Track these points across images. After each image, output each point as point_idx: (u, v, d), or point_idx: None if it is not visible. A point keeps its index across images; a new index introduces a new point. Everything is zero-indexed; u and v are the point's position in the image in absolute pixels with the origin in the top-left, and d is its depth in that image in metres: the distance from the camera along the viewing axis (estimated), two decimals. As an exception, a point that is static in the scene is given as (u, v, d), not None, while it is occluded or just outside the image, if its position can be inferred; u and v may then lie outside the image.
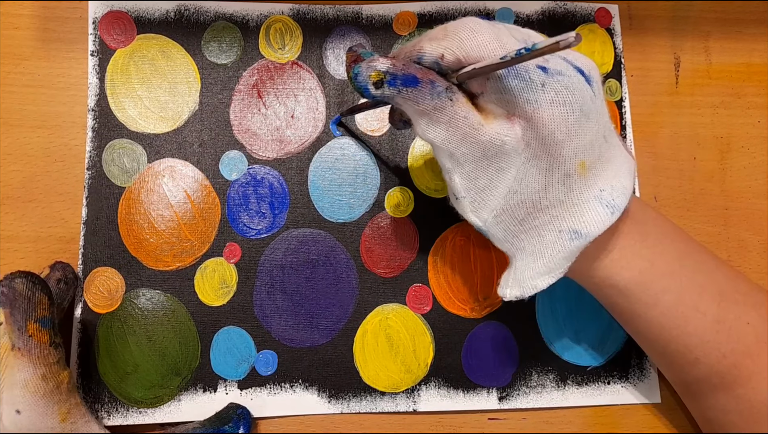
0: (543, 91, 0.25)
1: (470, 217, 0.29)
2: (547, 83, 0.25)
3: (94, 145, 0.37)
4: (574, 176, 0.26)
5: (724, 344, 0.30)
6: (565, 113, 0.25)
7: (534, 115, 0.25)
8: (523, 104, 0.25)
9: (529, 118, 0.25)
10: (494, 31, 0.25)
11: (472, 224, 0.29)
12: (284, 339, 0.36)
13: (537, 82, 0.25)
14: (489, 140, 0.26)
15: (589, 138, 0.26)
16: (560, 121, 0.25)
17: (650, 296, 0.30)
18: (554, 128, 0.25)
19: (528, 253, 0.29)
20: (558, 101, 0.25)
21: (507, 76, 0.24)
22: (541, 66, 0.25)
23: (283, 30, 0.39)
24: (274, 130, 0.38)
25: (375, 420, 0.36)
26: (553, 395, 0.37)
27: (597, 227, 0.27)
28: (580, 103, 0.25)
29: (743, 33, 0.42)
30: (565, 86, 0.25)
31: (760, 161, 0.41)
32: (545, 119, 0.25)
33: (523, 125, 0.25)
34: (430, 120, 0.26)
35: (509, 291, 0.29)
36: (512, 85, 0.24)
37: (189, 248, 0.37)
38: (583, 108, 0.25)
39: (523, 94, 0.25)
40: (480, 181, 0.27)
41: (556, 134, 0.25)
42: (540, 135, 0.25)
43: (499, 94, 0.25)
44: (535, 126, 0.25)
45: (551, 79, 0.25)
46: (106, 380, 0.35)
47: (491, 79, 0.25)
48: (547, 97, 0.25)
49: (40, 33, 0.38)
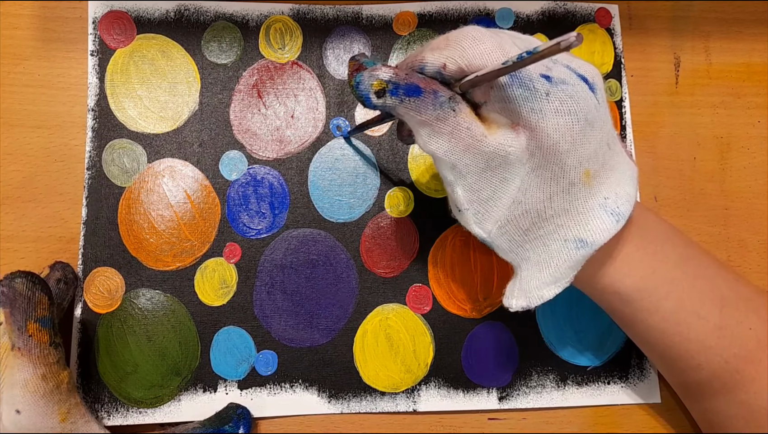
0: (547, 101, 0.24)
1: (474, 229, 0.28)
2: (551, 92, 0.24)
3: (94, 145, 0.37)
4: (578, 185, 0.26)
5: (726, 349, 0.29)
6: (569, 123, 0.24)
7: (538, 124, 0.24)
8: (527, 114, 0.24)
9: (534, 127, 0.25)
10: (497, 39, 0.25)
11: (476, 236, 0.28)
12: (284, 339, 0.36)
13: (541, 91, 0.24)
14: (493, 151, 0.25)
15: (594, 147, 0.26)
16: (565, 130, 0.24)
17: (652, 303, 0.30)
18: (559, 137, 0.24)
19: (533, 263, 0.28)
20: (563, 110, 0.24)
21: (511, 85, 0.24)
22: (544, 75, 0.24)
23: (283, 30, 0.39)
24: (274, 130, 0.38)
25: (375, 420, 0.36)
26: (553, 395, 0.37)
27: (602, 235, 0.26)
28: (584, 112, 0.25)
29: (743, 33, 0.42)
30: (570, 95, 0.25)
31: (760, 161, 0.41)
32: (550, 129, 0.24)
33: (527, 134, 0.25)
34: (432, 131, 0.25)
35: (515, 302, 0.29)
36: (516, 94, 0.24)
37: (189, 248, 0.37)
38: (587, 117, 0.25)
39: (527, 104, 0.24)
40: (483, 192, 0.27)
41: (560, 143, 0.25)
42: (544, 145, 0.25)
43: (502, 103, 0.25)
44: (539, 136, 0.25)
45: (555, 88, 0.24)
46: (105, 380, 0.35)
47: (495, 89, 0.24)
48: (551, 107, 0.24)
49: (40, 33, 0.38)
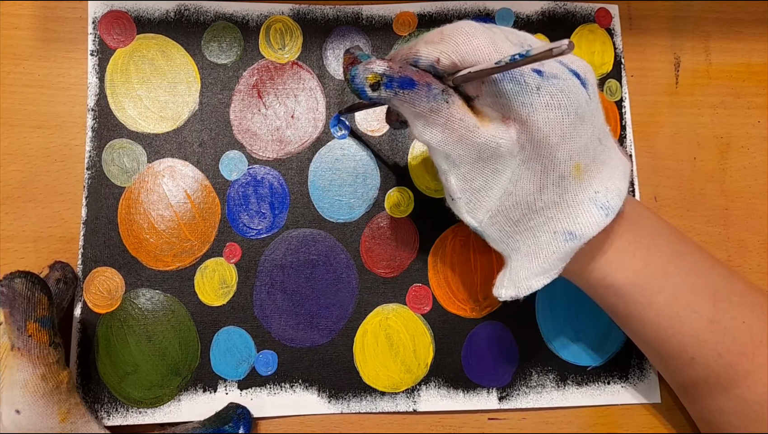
0: (538, 95, 0.25)
1: (466, 217, 0.29)
2: (542, 87, 0.25)
3: (93, 145, 0.37)
4: (568, 178, 0.26)
5: (720, 343, 0.30)
6: (560, 116, 0.25)
7: (529, 118, 0.25)
8: (518, 108, 0.25)
9: (524, 121, 0.25)
10: (490, 35, 0.25)
11: (467, 225, 0.29)
12: (284, 339, 0.36)
13: (532, 85, 0.25)
14: (484, 142, 0.26)
15: (584, 141, 0.26)
16: (555, 124, 0.25)
17: (645, 297, 0.30)
18: (549, 131, 0.25)
19: (523, 254, 0.29)
20: (553, 104, 0.25)
21: (502, 79, 0.24)
22: (536, 69, 0.25)
23: (283, 30, 0.39)
24: (274, 130, 0.38)
25: (375, 420, 0.36)
26: (553, 395, 0.37)
27: (591, 228, 0.27)
28: (575, 106, 0.25)
29: (743, 33, 0.42)
30: (560, 89, 0.25)
31: (760, 161, 0.41)
32: (540, 123, 0.25)
33: (518, 127, 0.25)
34: (426, 122, 0.26)
35: (504, 291, 0.29)
36: (507, 88, 0.24)
37: (189, 248, 0.37)
38: (578, 111, 0.25)
39: (518, 98, 0.25)
40: (475, 182, 0.27)
41: (551, 137, 0.25)
42: (535, 138, 0.25)
43: (494, 97, 0.25)
44: (530, 129, 0.25)
45: (546, 83, 0.25)
46: (105, 380, 0.35)
47: (486, 83, 0.25)
48: (542, 101, 0.25)
49: (40, 33, 0.38)
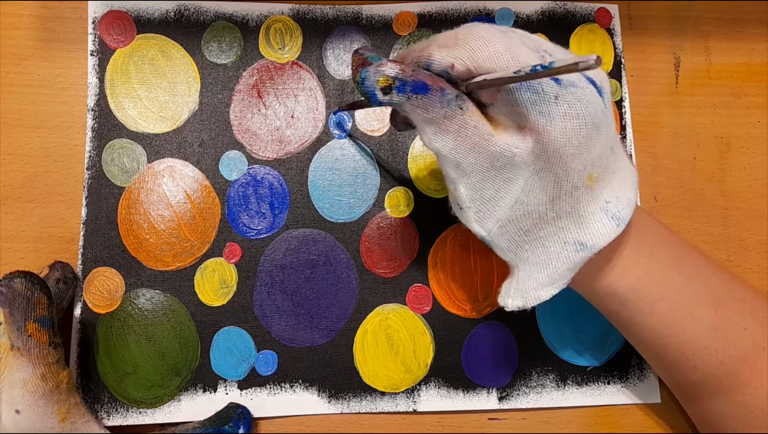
0: (556, 104, 0.24)
1: (474, 227, 0.28)
2: (560, 96, 0.24)
3: (93, 145, 0.37)
4: (581, 188, 0.26)
5: (722, 351, 0.29)
6: (577, 126, 0.24)
7: (546, 128, 0.24)
8: (535, 117, 0.24)
9: (541, 131, 0.24)
10: (507, 40, 0.24)
11: (475, 234, 0.28)
12: (284, 339, 0.36)
13: (550, 94, 0.24)
14: (499, 151, 0.25)
15: (599, 150, 0.26)
16: (572, 134, 0.24)
17: (647, 304, 0.30)
18: (565, 141, 0.24)
19: (532, 264, 0.28)
20: (571, 114, 0.24)
21: (519, 88, 0.24)
22: (554, 77, 0.24)
23: (283, 30, 0.39)
24: (274, 130, 0.38)
25: (375, 420, 0.36)
26: (553, 395, 0.37)
27: (603, 239, 0.26)
28: (592, 115, 0.24)
29: (743, 33, 0.42)
30: (578, 98, 0.24)
31: (760, 161, 0.41)
32: (557, 132, 0.24)
33: (534, 137, 0.25)
34: (438, 129, 0.25)
35: (511, 301, 0.28)
36: (524, 97, 0.24)
37: (189, 248, 0.37)
38: (594, 121, 0.25)
39: (535, 107, 0.24)
40: (486, 192, 0.27)
41: (566, 147, 0.24)
42: (550, 148, 0.24)
43: (510, 106, 0.24)
44: (545, 139, 0.24)
45: (564, 91, 0.24)
46: (105, 380, 0.35)
47: (502, 91, 0.24)
48: (560, 110, 0.24)
49: (40, 33, 0.38)
